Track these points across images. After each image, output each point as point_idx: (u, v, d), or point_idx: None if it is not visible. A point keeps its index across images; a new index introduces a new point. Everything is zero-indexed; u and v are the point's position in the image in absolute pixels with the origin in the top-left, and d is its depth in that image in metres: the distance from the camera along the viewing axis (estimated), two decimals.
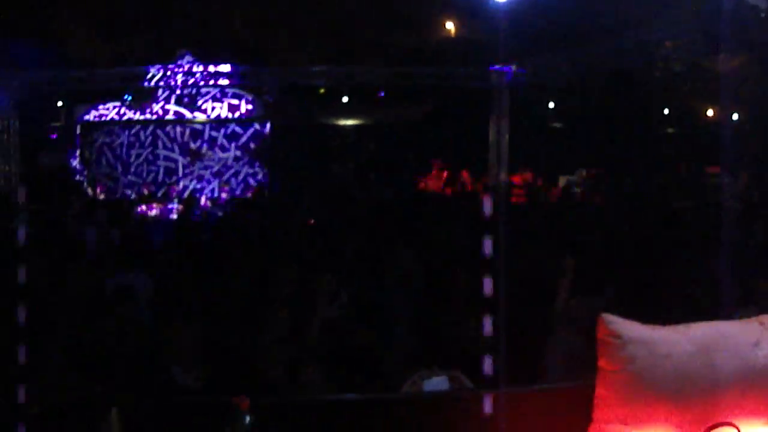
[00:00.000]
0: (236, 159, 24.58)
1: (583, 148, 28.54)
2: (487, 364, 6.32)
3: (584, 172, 27.08)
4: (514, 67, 17.46)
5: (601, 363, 4.09)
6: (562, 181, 26.49)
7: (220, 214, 20.29)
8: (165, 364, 8.34)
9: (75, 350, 9.49)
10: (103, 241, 14.06)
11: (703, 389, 4.11)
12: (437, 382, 5.11)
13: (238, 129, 24.63)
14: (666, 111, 33.54)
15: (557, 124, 33.01)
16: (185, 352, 8.20)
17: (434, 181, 25.28)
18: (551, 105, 32.37)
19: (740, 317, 6.83)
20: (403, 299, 10.40)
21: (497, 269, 6.23)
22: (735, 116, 28.16)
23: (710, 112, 30.15)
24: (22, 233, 7.86)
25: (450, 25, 26.58)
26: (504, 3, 10.99)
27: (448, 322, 9.81)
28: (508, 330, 7.00)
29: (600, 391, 4.12)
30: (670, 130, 33.99)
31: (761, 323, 4.46)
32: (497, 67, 17.84)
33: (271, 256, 12.47)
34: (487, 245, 6.25)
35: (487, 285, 6.08)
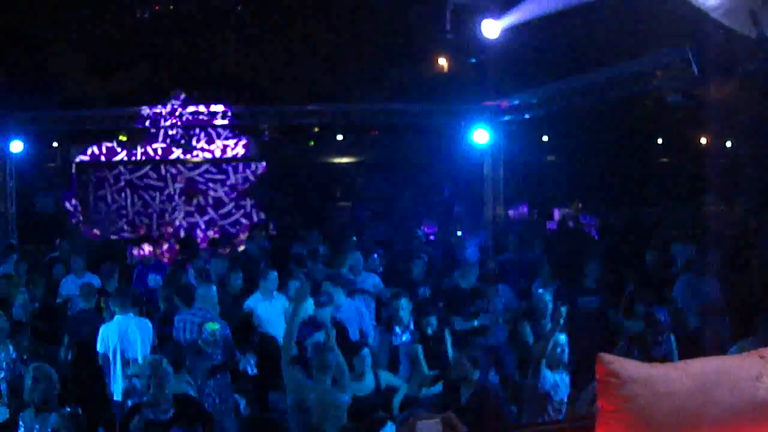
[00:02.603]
0: (231, 199, 24.60)
1: (578, 180, 28.63)
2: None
3: (579, 204, 27.14)
4: (506, 102, 17.50)
5: (601, 403, 4.05)
6: (558, 214, 26.55)
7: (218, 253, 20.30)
8: None
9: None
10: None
11: (705, 426, 4.07)
12: (430, 425, 5.07)
13: (232, 168, 24.66)
14: (659, 141, 33.72)
15: (551, 157, 33.16)
16: None
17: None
18: (545, 138, 32.52)
19: (739, 349, 6.80)
20: None
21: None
22: (728, 144, 28.26)
23: (703, 141, 30.27)
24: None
25: (442, 61, 26.69)
26: (496, 39, 11.07)
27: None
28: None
29: (600, 431, 4.09)
30: (664, 160, 34.14)
31: (761, 356, 4.43)
32: (490, 101, 17.88)
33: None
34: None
35: None
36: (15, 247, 18.74)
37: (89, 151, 24.77)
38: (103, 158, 24.73)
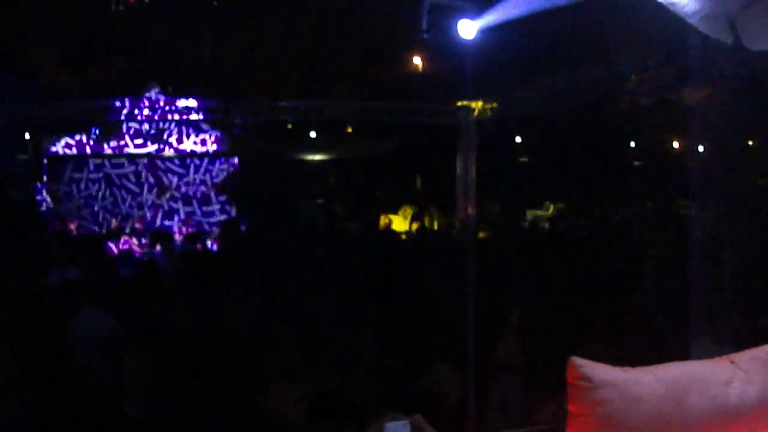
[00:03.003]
0: (203, 193, 24.54)
1: (550, 181, 28.70)
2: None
3: (552, 206, 27.23)
4: (480, 102, 17.54)
5: (571, 407, 4.05)
6: (530, 215, 26.60)
7: (187, 247, 20.21)
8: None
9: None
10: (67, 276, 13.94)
11: (676, 431, 4.09)
12: (398, 427, 5.05)
13: (205, 163, 24.60)
14: (632, 143, 33.82)
15: (524, 158, 33.21)
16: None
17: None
18: (518, 139, 32.57)
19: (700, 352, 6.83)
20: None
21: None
22: (701, 148, 28.38)
23: (676, 144, 30.39)
24: None
25: (418, 60, 26.69)
26: (471, 40, 11.05)
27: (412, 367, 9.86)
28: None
29: None
30: (636, 163, 34.24)
31: (732, 362, 4.45)
32: (464, 102, 17.90)
33: (239, 290, 12.42)
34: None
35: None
36: None
37: (62, 143, 24.65)
38: (75, 150, 24.61)
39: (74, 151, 24.69)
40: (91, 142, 24.64)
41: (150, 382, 8.66)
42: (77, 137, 24.69)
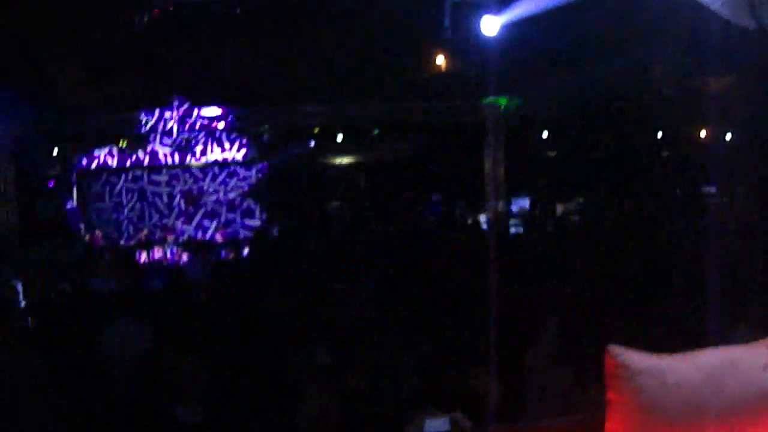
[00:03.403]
0: (232, 201, 24.61)
1: (578, 175, 28.61)
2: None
3: (581, 200, 27.15)
4: (506, 99, 17.55)
5: (610, 395, 4.07)
6: (560, 208, 26.55)
7: (220, 256, 20.31)
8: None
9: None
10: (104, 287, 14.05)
11: (714, 417, 4.09)
12: (438, 423, 5.09)
13: (233, 171, 24.68)
14: (659, 134, 33.66)
15: (552, 153, 33.10)
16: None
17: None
18: (545, 134, 32.48)
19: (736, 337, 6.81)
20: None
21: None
22: (728, 136, 28.23)
23: (703, 133, 30.23)
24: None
25: (442, 59, 26.63)
26: (494, 36, 11.10)
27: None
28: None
29: (610, 424, 4.10)
30: (664, 153, 34.08)
31: None
32: (490, 98, 17.90)
33: (274, 297, 12.46)
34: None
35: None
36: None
37: (89, 158, 24.80)
38: (103, 163, 24.76)
39: (102, 164, 24.84)
40: (119, 155, 24.79)
41: (202, 387, 8.73)
42: (105, 150, 24.85)
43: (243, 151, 24.53)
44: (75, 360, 11.35)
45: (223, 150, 24.42)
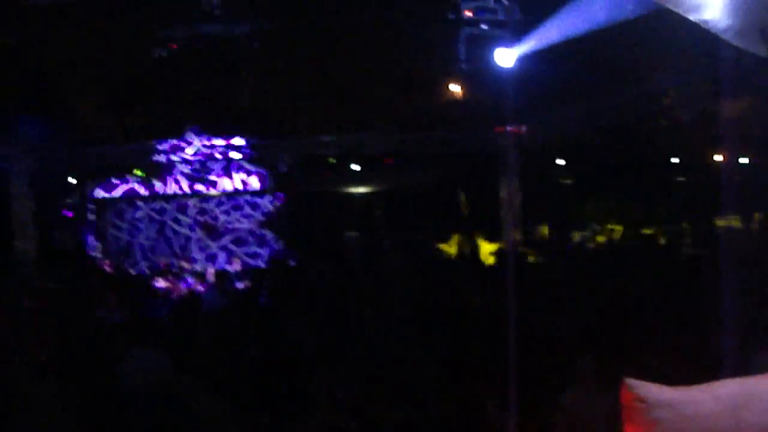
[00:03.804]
0: (249, 230, 24.66)
1: (595, 202, 28.61)
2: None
3: (597, 227, 27.12)
4: (522, 128, 17.57)
5: (627, 429, 4.07)
6: (576, 236, 26.50)
7: (237, 286, 20.31)
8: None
9: None
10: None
11: None
12: None
13: (250, 201, 24.74)
14: (676, 159, 33.61)
15: (568, 180, 33.06)
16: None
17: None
18: (561, 161, 32.44)
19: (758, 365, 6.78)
20: None
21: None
22: (744, 160, 28.19)
23: (718, 158, 30.16)
24: None
25: (457, 89, 26.65)
26: (509, 68, 11.17)
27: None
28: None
29: None
30: (681, 179, 34.02)
31: None
32: (506, 128, 17.95)
33: (293, 325, 12.48)
34: None
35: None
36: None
37: (106, 187, 24.91)
38: (119, 194, 24.86)
39: (120, 193, 24.95)
40: (136, 185, 24.89)
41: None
42: (122, 180, 24.96)
43: (260, 180, 24.59)
44: (94, 390, 11.42)
45: (240, 180, 24.49)
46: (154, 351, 10.97)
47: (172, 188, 24.65)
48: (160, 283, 20.03)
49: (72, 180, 27.88)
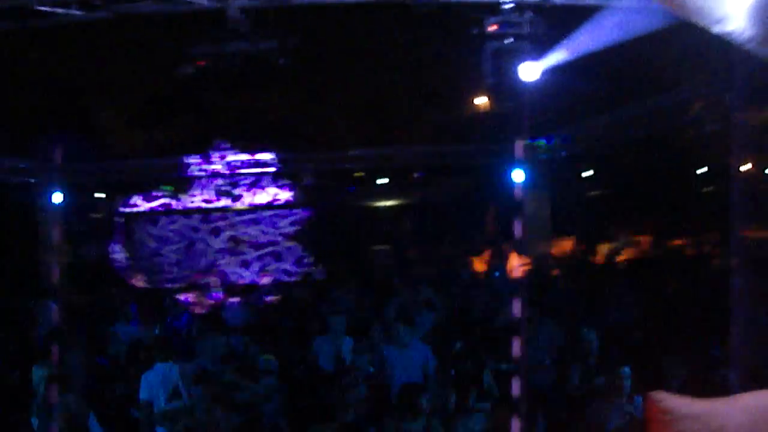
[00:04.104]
0: (277, 245, 24.72)
1: (623, 214, 28.53)
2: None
3: (625, 240, 27.04)
4: (547, 140, 17.54)
5: None
6: (605, 248, 26.44)
7: (266, 299, 20.37)
8: None
9: None
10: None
11: None
12: None
13: (278, 215, 24.80)
14: (703, 170, 33.49)
15: (595, 192, 32.99)
16: None
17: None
18: (588, 173, 32.37)
19: None
20: None
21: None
22: None
23: (746, 167, 30.02)
24: None
25: (482, 102, 26.67)
26: (535, 81, 11.19)
27: None
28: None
29: None
30: (707, 189, 33.89)
31: None
32: (531, 140, 17.94)
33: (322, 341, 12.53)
34: None
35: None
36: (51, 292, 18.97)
37: (133, 201, 25.03)
38: (147, 208, 24.98)
39: (147, 208, 25.06)
40: (164, 199, 25.00)
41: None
42: (149, 194, 25.09)
43: (287, 194, 24.66)
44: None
45: (268, 194, 24.56)
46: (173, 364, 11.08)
47: (199, 202, 24.75)
48: (188, 297, 20.13)
49: (100, 195, 28.05)
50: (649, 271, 21.60)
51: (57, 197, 20.53)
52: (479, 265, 25.12)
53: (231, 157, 22.56)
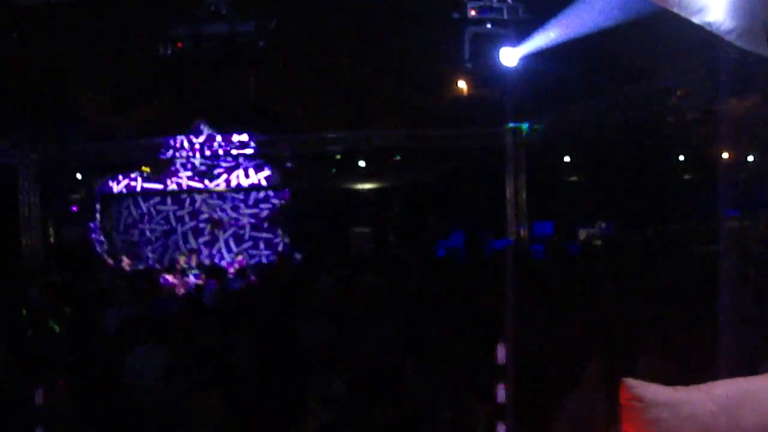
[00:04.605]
0: (255, 227, 24.69)
1: (601, 199, 28.61)
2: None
3: (603, 224, 27.09)
4: (527, 125, 17.59)
5: (625, 428, 4.10)
6: (582, 234, 26.49)
7: (245, 282, 20.36)
8: None
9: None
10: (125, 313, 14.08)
11: None
12: None
13: (256, 197, 24.77)
14: (681, 158, 33.64)
15: (574, 177, 33.11)
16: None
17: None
18: (567, 159, 32.49)
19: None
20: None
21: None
22: (750, 158, 28.18)
23: (725, 156, 30.16)
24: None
25: (463, 86, 26.70)
26: (514, 66, 11.21)
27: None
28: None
29: None
30: (686, 177, 34.04)
31: None
32: (511, 124, 17.99)
33: (299, 321, 12.47)
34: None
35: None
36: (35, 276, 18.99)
37: (113, 183, 24.95)
38: (126, 189, 24.90)
39: (126, 189, 24.98)
40: (142, 181, 24.93)
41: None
42: (128, 176, 25.02)
43: (266, 176, 24.62)
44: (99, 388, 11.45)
45: (247, 176, 24.52)
46: (157, 347, 11.03)
47: (178, 184, 24.69)
48: (167, 278, 20.06)
49: (79, 176, 27.98)
50: (627, 257, 21.65)
51: (39, 178, 20.52)
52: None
53: (209, 139, 22.50)
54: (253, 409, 10.14)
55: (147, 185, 24.83)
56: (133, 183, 24.81)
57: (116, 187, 24.95)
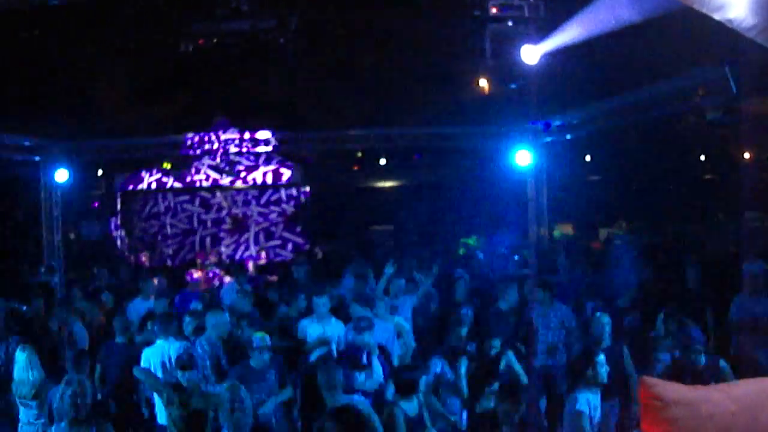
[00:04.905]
0: (276, 224, 24.72)
1: (622, 199, 28.54)
2: None
3: (624, 224, 27.03)
4: (548, 123, 17.51)
5: (644, 426, 4.09)
6: (603, 233, 26.42)
7: (264, 278, 20.37)
8: None
9: None
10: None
11: None
12: None
13: (277, 194, 24.81)
14: (702, 157, 33.52)
15: (595, 177, 33.01)
16: None
17: None
18: (588, 158, 32.38)
19: None
20: None
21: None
22: None
23: (747, 156, 30.08)
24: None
25: (484, 84, 26.63)
26: (535, 64, 11.18)
27: None
28: None
29: None
30: (708, 176, 33.94)
31: None
32: (532, 123, 17.94)
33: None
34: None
35: None
36: (54, 267, 19.08)
37: (134, 179, 25.04)
38: (147, 186, 24.98)
39: (147, 185, 25.07)
40: (164, 177, 25.00)
41: None
42: (150, 172, 25.10)
43: (287, 174, 24.65)
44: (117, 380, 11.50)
45: (267, 173, 24.55)
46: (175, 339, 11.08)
47: (199, 181, 24.75)
48: (191, 274, 20.11)
49: (100, 171, 28.07)
50: (648, 257, 21.57)
51: (59, 175, 20.56)
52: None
53: (231, 136, 22.51)
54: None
55: (168, 182, 24.90)
56: (154, 179, 24.89)
57: (137, 184, 25.04)
